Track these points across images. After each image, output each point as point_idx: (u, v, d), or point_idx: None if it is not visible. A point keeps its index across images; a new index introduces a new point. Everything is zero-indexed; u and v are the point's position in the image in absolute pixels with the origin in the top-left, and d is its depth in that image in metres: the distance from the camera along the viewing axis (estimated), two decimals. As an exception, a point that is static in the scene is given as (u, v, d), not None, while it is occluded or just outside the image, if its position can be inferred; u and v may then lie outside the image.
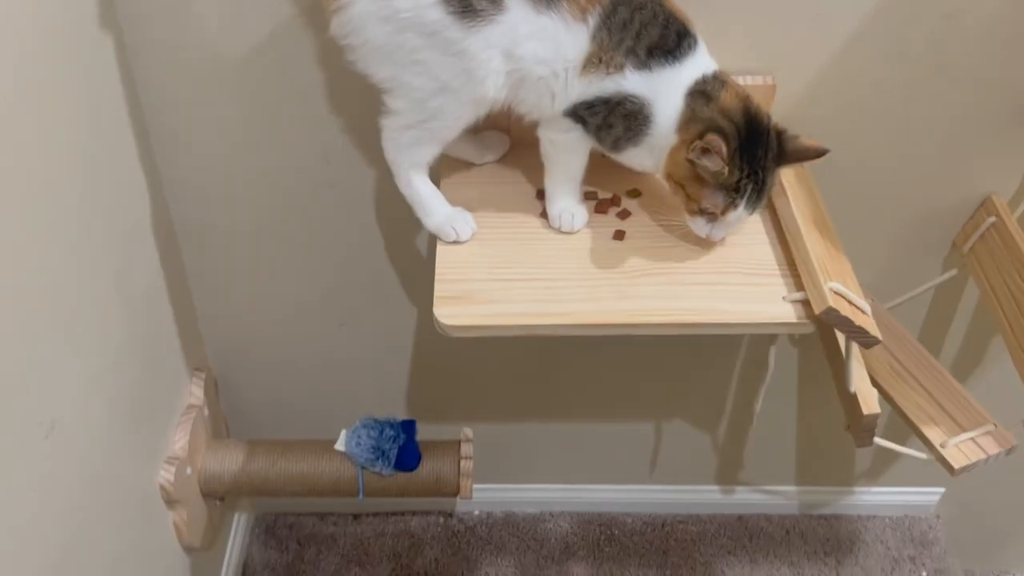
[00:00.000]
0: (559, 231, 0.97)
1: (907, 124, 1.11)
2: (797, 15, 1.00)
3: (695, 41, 0.87)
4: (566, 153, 0.93)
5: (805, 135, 1.08)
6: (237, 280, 1.28)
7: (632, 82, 0.85)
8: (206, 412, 1.31)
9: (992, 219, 1.16)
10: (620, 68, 0.85)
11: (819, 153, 0.89)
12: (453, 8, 0.80)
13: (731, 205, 0.88)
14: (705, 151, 0.84)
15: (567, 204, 0.97)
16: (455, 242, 0.95)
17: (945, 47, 1.03)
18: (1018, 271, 1.10)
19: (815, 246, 0.92)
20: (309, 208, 1.19)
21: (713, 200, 0.88)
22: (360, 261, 1.26)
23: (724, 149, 0.83)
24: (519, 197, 1.01)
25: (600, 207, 1.00)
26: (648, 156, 0.90)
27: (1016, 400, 1.09)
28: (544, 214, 0.99)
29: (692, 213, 0.91)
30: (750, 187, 0.87)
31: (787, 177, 1.00)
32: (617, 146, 0.90)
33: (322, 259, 1.26)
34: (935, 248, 1.25)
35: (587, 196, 1.00)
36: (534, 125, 0.94)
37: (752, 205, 0.89)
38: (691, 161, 0.85)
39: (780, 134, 0.89)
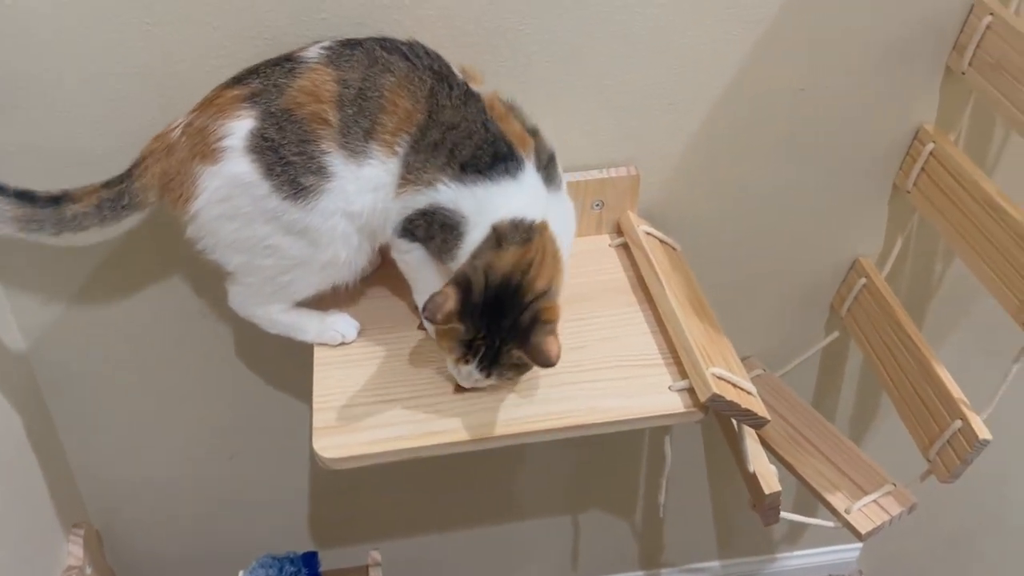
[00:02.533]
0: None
1: (771, 197, 1.14)
2: (652, 104, 1.03)
3: (519, 163, 0.83)
4: (420, 270, 0.91)
5: (674, 219, 1.11)
6: (112, 426, 1.20)
7: (445, 195, 0.83)
8: (88, 571, 1.21)
9: (863, 280, 1.20)
10: (432, 183, 0.83)
11: (545, 363, 0.80)
12: (285, 193, 0.83)
13: (462, 360, 0.83)
14: (435, 298, 0.79)
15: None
16: (342, 344, 0.94)
17: (798, 121, 1.08)
18: (892, 328, 1.13)
19: (694, 331, 0.92)
20: (184, 340, 1.13)
21: (449, 345, 0.83)
22: (245, 390, 1.20)
23: (449, 307, 0.78)
24: (396, 312, 0.99)
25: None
26: None
27: (910, 455, 1.11)
28: (422, 326, 0.96)
29: (440, 349, 0.86)
30: (483, 351, 0.82)
31: (661, 264, 1.00)
32: (442, 259, 0.87)
33: (204, 393, 1.19)
34: (816, 313, 1.28)
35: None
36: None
37: (487, 369, 0.83)
38: None
39: (537, 318, 0.80)
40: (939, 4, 1.00)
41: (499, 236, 0.82)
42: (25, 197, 0.85)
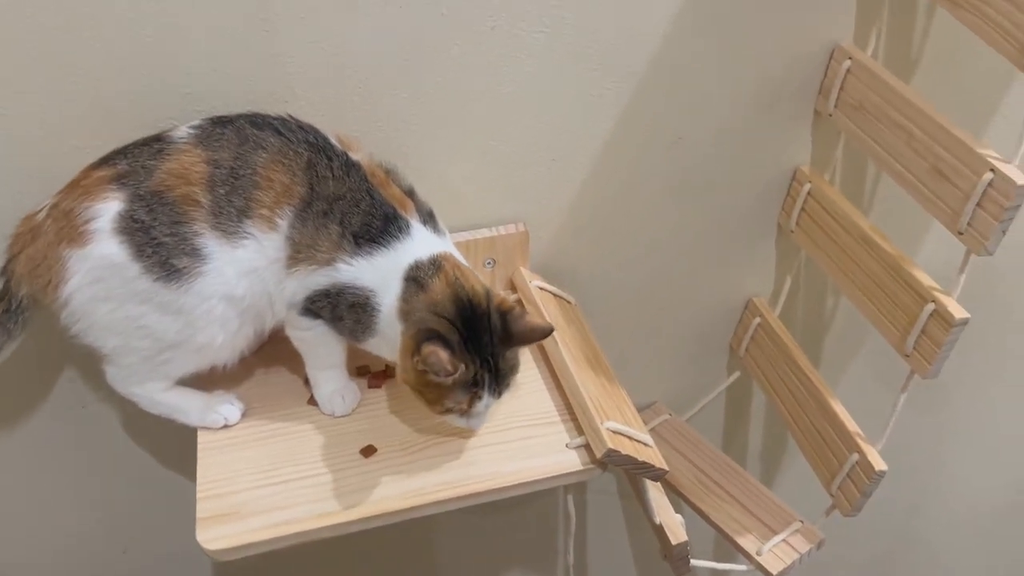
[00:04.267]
0: (332, 416, 0.92)
1: (661, 244, 1.16)
2: (535, 160, 1.03)
3: (406, 224, 0.83)
4: (318, 347, 0.88)
5: (567, 272, 1.11)
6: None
7: (345, 273, 0.82)
8: None
9: (757, 320, 1.22)
10: (329, 261, 0.82)
11: (545, 333, 0.83)
12: (157, 275, 0.80)
13: (475, 398, 0.82)
14: (429, 360, 0.77)
15: (333, 386, 0.92)
16: (225, 426, 0.90)
17: (680, 170, 1.09)
18: (788, 366, 1.15)
19: (588, 386, 0.91)
20: (67, 427, 1.07)
21: (455, 399, 0.82)
22: (132, 477, 1.14)
23: (445, 359, 0.76)
24: (284, 387, 0.95)
25: (373, 381, 0.96)
26: (389, 346, 0.84)
27: (815, 492, 1.12)
28: (313, 400, 0.93)
29: (441, 413, 0.84)
30: (487, 376, 0.81)
31: (555, 319, 1.00)
32: (356, 338, 0.85)
33: (91, 482, 1.13)
34: (717, 354, 1.30)
35: (359, 371, 0.96)
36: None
37: (497, 390, 0.83)
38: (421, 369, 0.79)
39: (505, 314, 0.82)
40: (802, 50, 1.04)
41: (416, 280, 0.81)
42: None
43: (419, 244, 0.83)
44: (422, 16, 0.89)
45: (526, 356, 0.99)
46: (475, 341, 0.80)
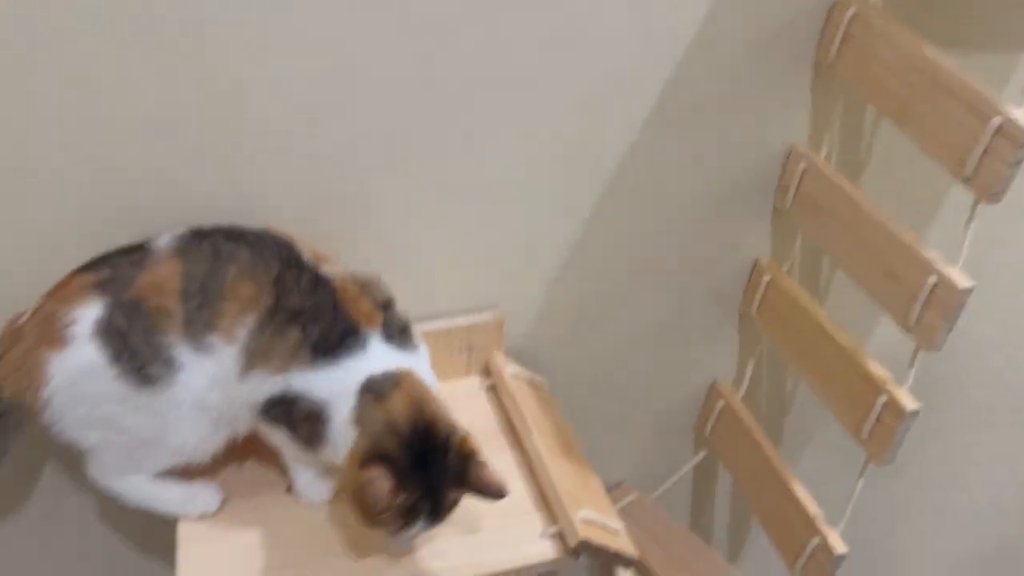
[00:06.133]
0: (311, 502, 0.94)
1: (629, 331, 1.21)
2: (510, 250, 1.08)
3: (364, 339, 0.84)
4: (286, 446, 0.90)
5: (540, 354, 1.15)
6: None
7: (298, 382, 0.83)
8: None
9: (722, 403, 1.27)
10: (282, 369, 0.82)
11: (499, 495, 0.82)
12: (132, 379, 0.83)
13: (407, 525, 0.81)
14: (368, 487, 0.77)
15: (311, 475, 0.94)
16: (204, 515, 0.92)
17: (648, 260, 1.15)
18: (751, 448, 1.19)
19: (560, 476, 0.94)
20: (46, 518, 1.07)
21: (388, 520, 0.80)
22: (102, 564, 1.14)
23: (384, 490, 0.76)
24: (263, 475, 0.97)
25: (352, 468, 0.98)
26: (342, 454, 0.83)
27: (781, 570, 1.15)
28: (291, 488, 0.95)
29: (370, 527, 0.82)
30: (427, 507, 0.81)
31: (528, 406, 1.03)
32: (311, 446, 0.86)
33: (60, 569, 1.13)
34: (683, 435, 1.34)
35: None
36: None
37: (433, 522, 0.83)
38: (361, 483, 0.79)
39: (467, 458, 0.81)
40: (762, 151, 1.10)
41: (373, 391, 0.82)
42: None
43: (374, 360, 0.84)
44: (398, 112, 0.93)
45: (500, 442, 1.03)
46: (423, 470, 0.80)
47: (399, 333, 0.87)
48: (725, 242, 1.17)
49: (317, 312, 0.84)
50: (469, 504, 0.93)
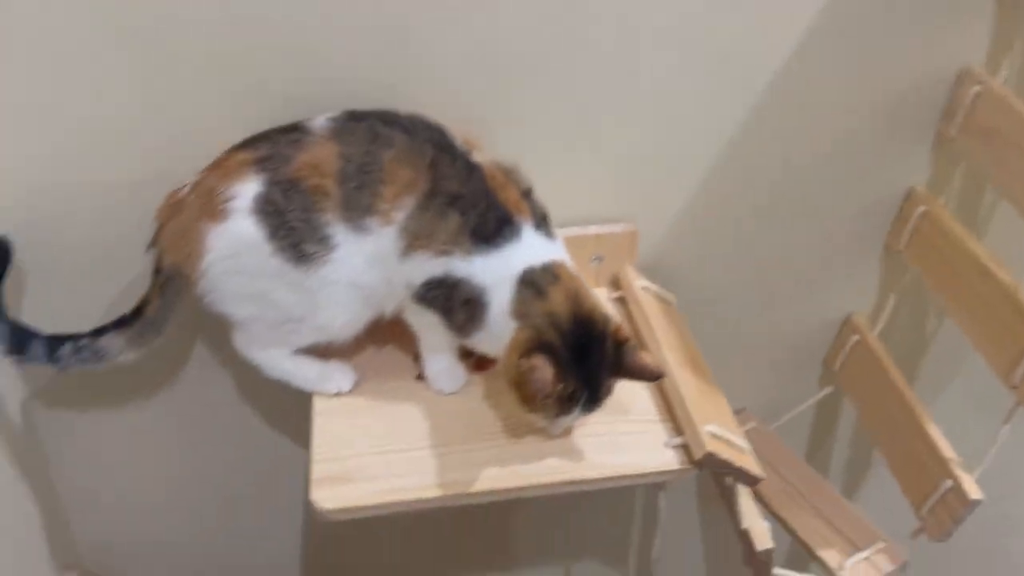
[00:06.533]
0: (439, 393, 0.96)
1: (766, 256, 1.17)
2: (650, 164, 1.06)
3: (519, 229, 0.85)
4: (429, 329, 0.93)
5: (670, 273, 1.13)
6: (108, 470, 1.20)
7: (460, 267, 0.84)
8: (78, 615, 1.20)
9: (856, 337, 1.22)
10: (446, 252, 0.84)
11: (655, 376, 0.86)
12: (288, 256, 0.85)
13: (565, 411, 0.85)
14: (533, 373, 0.80)
15: (443, 365, 0.96)
16: (338, 394, 0.95)
17: (792, 184, 1.11)
18: (884, 385, 1.15)
19: (689, 389, 0.93)
20: (183, 387, 1.14)
21: (547, 406, 0.84)
22: (238, 430, 1.20)
23: (549, 378, 0.79)
24: (395, 361, 1.00)
25: (479, 365, 1.00)
26: (494, 343, 0.87)
27: (902, 511, 1.12)
28: (421, 376, 0.97)
29: (528, 411, 0.86)
30: (584, 396, 0.84)
31: (657, 320, 1.02)
32: (464, 332, 0.88)
33: (199, 432, 1.20)
34: (810, 368, 1.30)
35: (466, 354, 1.00)
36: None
37: (589, 409, 0.85)
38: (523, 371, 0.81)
39: (621, 345, 0.84)
40: (930, 72, 1.03)
41: (533, 285, 0.84)
42: (121, 323, 0.92)
43: (529, 249, 0.85)
44: (554, 17, 0.92)
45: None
46: (582, 360, 0.82)
47: (542, 222, 0.88)
48: (877, 169, 1.11)
49: (473, 198, 0.85)
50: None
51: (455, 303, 0.86)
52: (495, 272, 0.84)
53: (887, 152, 1.10)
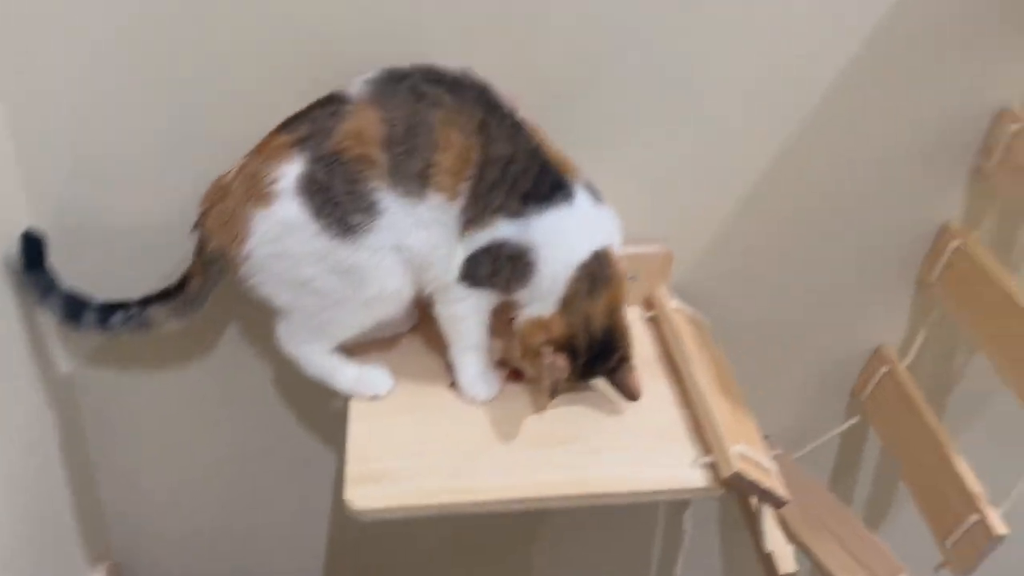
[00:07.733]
0: (473, 401, 0.98)
1: (797, 285, 1.18)
2: (686, 186, 1.08)
3: (572, 189, 0.89)
4: (464, 323, 0.94)
5: (703, 296, 1.14)
6: (143, 460, 1.23)
7: (505, 230, 0.87)
8: (106, 604, 1.23)
9: (885, 368, 1.22)
10: (492, 222, 0.87)
11: (632, 397, 0.95)
12: (334, 232, 0.86)
13: (557, 392, 0.93)
14: (553, 365, 0.90)
15: (476, 370, 0.98)
16: (374, 397, 0.97)
17: (827, 213, 1.12)
18: (911, 417, 1.15)
19: (720, 409, 0.94)
20: (221, 378, 1.17)
21: (543, 373, 0.92)
22: (272, 426, 1.22)
23: (562, 375, 0.90)
24: (428, 372, 1.01)
25: (513, 375, 1.01)
26: (535, 301, 0.91)
27: (926, 545, 1.12)
28: (454, 385, 0.99)
29: (525, 365, 0.96)
30: (576, 379, 0.95)
31: (689, 341, 1.03)
32: (508, 287, 0.91)
33: (232, 424, 1.22)
34: (836, 397, 1.30)
35: (499, 365, 1.02)
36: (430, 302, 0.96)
37: (573, 380, 0.94)
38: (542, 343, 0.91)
39: (622, 361, 0.94)
40: (968, 110, 1.05)
41: (591, 277, 0.90)
42: (165, 295, 0.96)
43: (581, 211, 0.89)
44: (598, 41, 0.95)
45: (655, 371, 1.03)
46: (590, 365, 0.93)
47: (593, 186, 0.92)
48: (913, 201, 1.12)
49: (525, 160, 0.87)
50: (626, 424, 0.96)
51: (501, 262, 0.89)
52: (546, 230, 0.88)
53: (923, 185, 1.11)
